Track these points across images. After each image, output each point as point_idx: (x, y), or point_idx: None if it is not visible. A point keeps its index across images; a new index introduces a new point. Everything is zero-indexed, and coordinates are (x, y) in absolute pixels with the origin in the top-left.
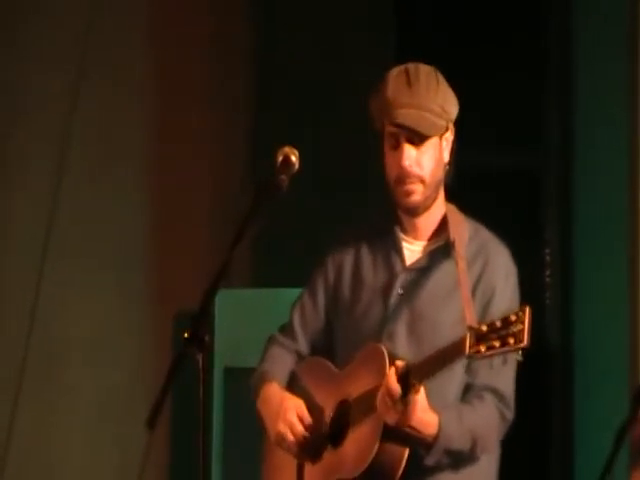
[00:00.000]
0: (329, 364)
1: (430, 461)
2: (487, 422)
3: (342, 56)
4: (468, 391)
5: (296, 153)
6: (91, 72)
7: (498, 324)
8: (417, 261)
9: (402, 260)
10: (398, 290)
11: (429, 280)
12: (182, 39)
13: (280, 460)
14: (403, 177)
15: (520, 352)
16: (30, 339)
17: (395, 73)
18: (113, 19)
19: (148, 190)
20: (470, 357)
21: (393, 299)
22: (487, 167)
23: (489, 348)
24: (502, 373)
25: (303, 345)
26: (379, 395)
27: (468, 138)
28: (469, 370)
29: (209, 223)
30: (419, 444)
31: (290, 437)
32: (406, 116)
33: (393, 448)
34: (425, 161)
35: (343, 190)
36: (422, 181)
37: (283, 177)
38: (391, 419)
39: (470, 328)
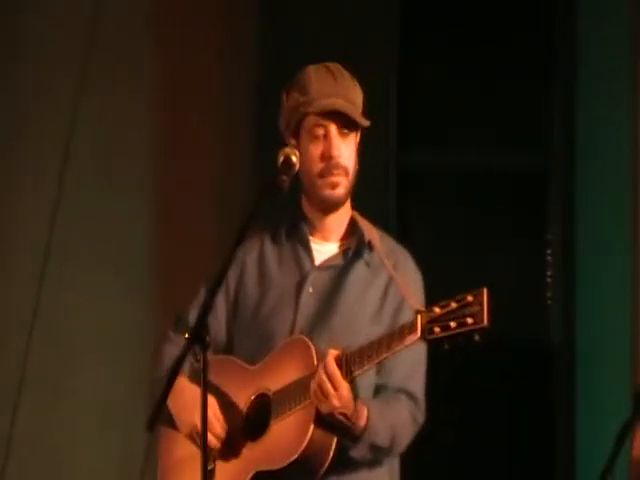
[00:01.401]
0: (239, 361)
1: (356, 454)
2: (403, 422)
3: (346, 56)
4: (380, 392)
5: (297, 153)
6: (94, 72)
7: (453, 305)
8: (328, 260)
9: (311, 259)
10: (308, 289)
11: (341, 279)
12: (186, 40)
13: (179, 459)
14: (330, 168)
15: (477, 333)
16: (32, 341)
17: (314, 69)
18: (116, 19)
19: (151, 190)
20: (424, 339)
21: (303, 298)
22: (489, 167)
23: (444, 329)
24: (416, 375)
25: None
26: (314, 383)
27: (469, 138)
28: (383, 370)
29: (211, 223)
30: (347, 435)
31: (219, 431)
32: (336, 103)
33: (322, 437)
34: (349, 154)
35: None
36: (347, 174)
37: (284, 177)
38: (327, 407)
39: (419, 311)
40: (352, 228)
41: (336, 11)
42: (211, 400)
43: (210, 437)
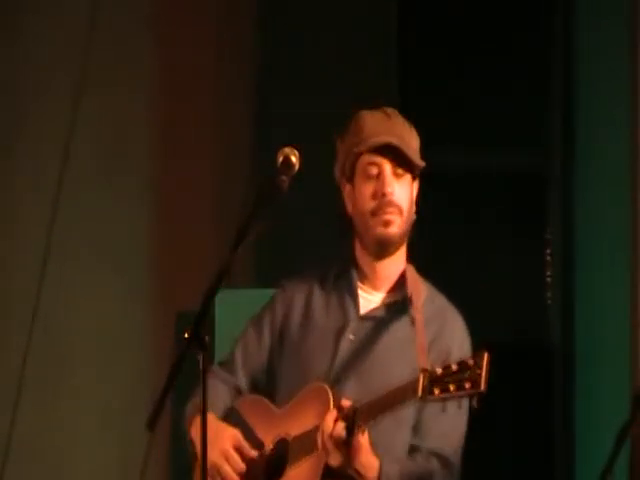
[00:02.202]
0: (268, 402)
1: None
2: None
3: (346, 57)
4: (414, 452)
5: (296, 154)
6: (94, 72)
7: (454, 367)
8: (372, 311)
9: (357, 307)
10: (350, 336)
11: (383, 331)
12: (185, 39)
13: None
14: (384, 206)
15: (475, 398)
16: (32, 341)
17: (368, 112)
18: (116, 19)
19: (151, 190)
20: (423, 400)
21: (344, 344)
22: (488, 168)
23: (443, 391)
24: (452, 439)
25: (242, 381)
26: (320, 435)
27: (470, 139)
28: (417, 431)
29: (211, 223)
30: None
31: (226, 467)
32: (392, 138)
33: None
34: (403, 195)
35: None
36: (401, 213)
37: (283, 178)
38: (334, 461)
39: (423, 370)
40: (401, 281)
41: (336, 12)
42: (235, 432)
43: (229, 470)
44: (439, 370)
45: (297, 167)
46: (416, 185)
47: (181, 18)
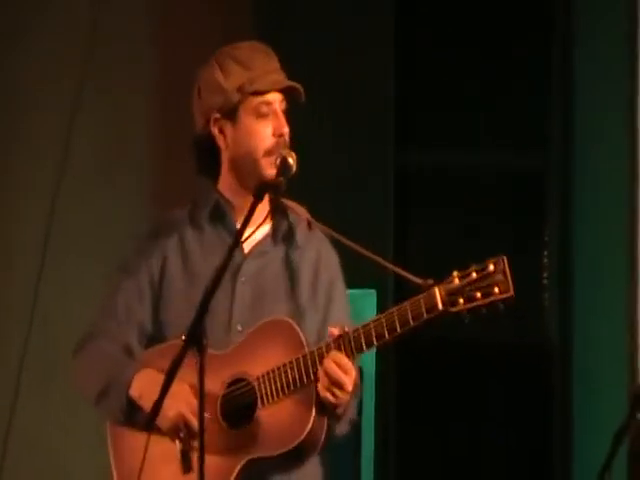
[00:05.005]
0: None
1: (339, 430)
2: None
3: (345, 56)
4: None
5: (294, 155)
6: (94, 72)
7: (474, 275)
8: (257, 246)
9: (240, 247)
10: (241, 278)
11: (272, 265)
12: (185, 39)
13: (136, 446)
14: (280, 146)
15: (503, 303)
16: (32, 341)
17: (243, 47)
18: (116, 19)
19: (150, 191)
20: (445, 313)
21: (238, 288)
22: (487, 168)
23: (469, 300)
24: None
25: (130, 336)
26: (326, 374)
27: (469, 139)
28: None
29: None
30: (334, 414)
31: (193, 420)
32: (285, 81)
33: (318, 420)
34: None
35: (347, 189)
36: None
37: (280, 179)
38: (342, 395)
39: (434, 284)
40: (276, 209)
41: (335, 11)
42: (180, 388)
43: (193, 422)
44: (456, 280)
45: (295, 169)
46: None
47: (180, 18)
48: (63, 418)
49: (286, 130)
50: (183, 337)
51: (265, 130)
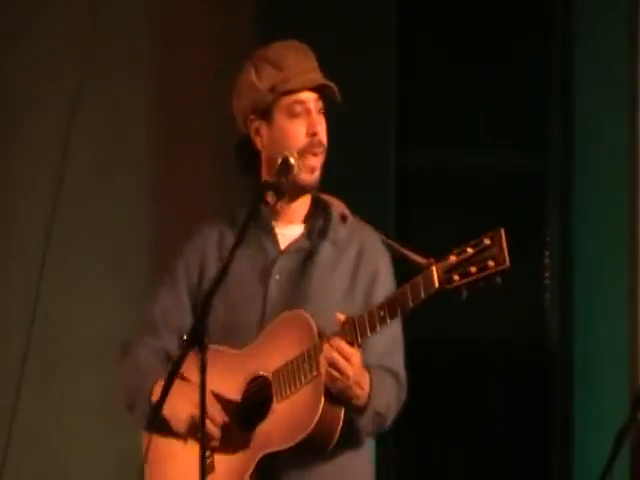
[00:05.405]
0: (222, 348)
1: (362, 423)
2: (392, 393)
3: (345, 56)
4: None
5: (295, 155)
6: (94, 72)
7: (470, 251)
8: (292, 243)
9: (276, 244)
10: (275, 276)
11: (307, 262)
12: (184, 40)
13: (165, 452)
14: (314, 145)
15: (499, 276)
16: (32, 341)
17: (278, 47)
18: (116, 19)
19: (150, 191)
20: (442, 289)
21: (271, 285)
22: (487, 168)
23: (464, 275)
24: (395, 352)
25: (168, 342)
26: (323, 359)
27: (469, 139)
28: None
29: None
30: (353, 405)
31: (212, 426)
32: (320, 79)
33: (331, 410)
34: (325, 131)
35: (348, 189)
36: (325, 151)
37: (282, 180)
38: (342, 382)
39: (431, 263)
40: (317, 206)
41: (335, 12)
42: (192, 389)
43: (211, 425)
44: (453, 257)
45: (296, 169)
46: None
47: (181, 18)
48: (63, 418)
49: (321, 129)
50: (185, 337)
51: (299, 129)
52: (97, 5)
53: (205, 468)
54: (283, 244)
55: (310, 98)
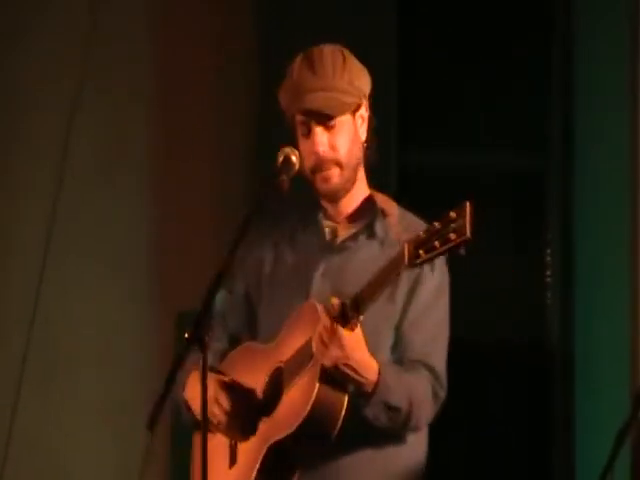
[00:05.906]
0: (254, 344)
1: (369, 412)
2: (423, 390)
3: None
4: (400, 364)
5: (297, 153)
6: (94, 72)
7: (437, 225)
8: (341, 242)
9: (324, 242)
10: (320, 272)
11: (353, 259)
12: (184, 40)
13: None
14: (319, 164)
15: (462, 247)
16: (32, 341)
17: (299, 60)
18: (116, 19)
19: (150, 191)
20: (411, 266)
21: (315, 280)
22: (487, 168)
23: (429, 250)
24: (437, 348)
25: (226, 343)
26: (315, 338)
27: (469, 139)
28: (400, 344)
29: (211, 224)
30: (358, 391)
31: (213, 409)
32: (313, 100)
33: (332, 396)
34: (339, 142)
35: None
36: (338, 164)
37: (284, 178)
38: (328, 359)
39: (406, 241)
40: (367, 207)
41: (335, 12)
42: (216, 377)
43: (216, 413)
44: (422, 234)
45: (297, 167)
46: (363, 112)
47: (181, 18)
48: (63, 418)
49: (321, 149)
50: (186, 335)
51: (307, 148)
52: (97, 5)
53: (206, 464)
54: (330, 241)
55: (311, 119)
